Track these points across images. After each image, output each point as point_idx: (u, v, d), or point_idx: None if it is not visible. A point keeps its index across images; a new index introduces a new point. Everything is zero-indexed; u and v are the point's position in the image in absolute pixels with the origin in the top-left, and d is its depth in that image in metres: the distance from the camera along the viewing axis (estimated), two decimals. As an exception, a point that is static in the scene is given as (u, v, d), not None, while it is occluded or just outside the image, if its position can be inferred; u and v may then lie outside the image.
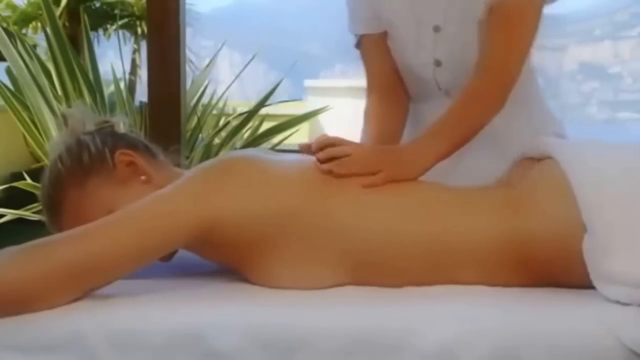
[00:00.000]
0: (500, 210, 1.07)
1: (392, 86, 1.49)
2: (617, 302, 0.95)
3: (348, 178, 1.09)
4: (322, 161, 1.09)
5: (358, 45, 1.52)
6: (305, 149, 1.14)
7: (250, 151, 1.19)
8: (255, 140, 3.65)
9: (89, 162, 1.10)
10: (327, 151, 1.11)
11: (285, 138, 3.79)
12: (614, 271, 0.95)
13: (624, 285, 0.94)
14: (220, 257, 1.11)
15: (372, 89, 1.51)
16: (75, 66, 3.17)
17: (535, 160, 1.16)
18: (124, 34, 7.13)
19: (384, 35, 1.46)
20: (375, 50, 1.48)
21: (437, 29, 1.38)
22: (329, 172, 1.08)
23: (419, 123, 1.48)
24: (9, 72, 3.49)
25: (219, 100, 3.85)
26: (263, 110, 3.77)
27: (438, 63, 1.41)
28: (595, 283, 0.98)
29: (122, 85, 3.46)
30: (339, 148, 1.12)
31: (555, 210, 1.04)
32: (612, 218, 0.98)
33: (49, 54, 3.33)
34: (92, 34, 6.06)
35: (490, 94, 1.29)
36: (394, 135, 1.46)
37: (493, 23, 1.29)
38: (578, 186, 1.02)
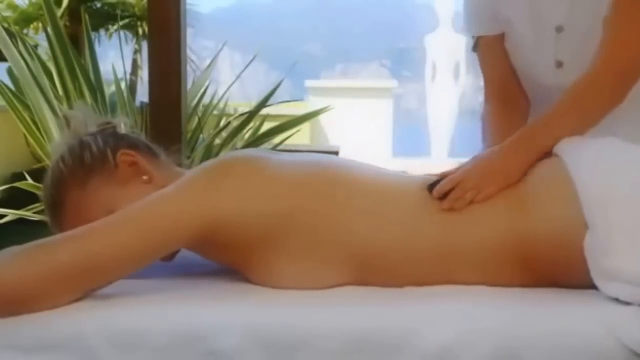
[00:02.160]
0: (502, 209, 1.07)
1: (510, 91, 1.45)
2: (617, 299, 0.95)
3: (350, 178, 1.09)
4: (439, 198, 1.07)
5: (475, 47, 1.48)
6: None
7: (251, 151, 1.19)
8: (256, 141, 3.64)
9: (90, 163, 1.10)
10: (437, 190, 1.08)
11: (286, 138, 3.79)
12: (615, 268, 0.95)
13: (624, 282, 0.94)
14: (221, 257, 1.11)
15: (491, 95, 1.48)
16: (76, 66, 3.17)
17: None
18: (125, 34, 7.14)
19: (501, 37, 1.43)
20: (493, 52, 1.45)
21: (559, 29, 1.35)
22: (451, 209, 1.06)
23: None
24: (10, 72, 3.49)
25: (219, 100, 3.85)
26: (264, 111, 3.77)
27: (559, 64, 1.37)
28: (595, 280, 0.98)
29: (123, 85, 3.46)
30: (446, 183, 1.08)
31: (557, 209, 1.04)
32: (614, 215, 0.98)
33: (50, 54, 3.33)
34: (93, 34, 6.07)
35: (604, 86, 1.21)
36: None
37: (612, 15, 1.24)
38: (580, 184, 1.02)
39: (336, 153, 4.21)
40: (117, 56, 3.88)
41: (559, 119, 1.18)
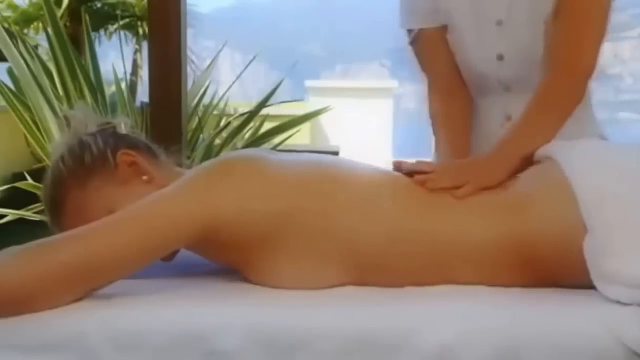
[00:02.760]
0: (500, 211, 1.07)
1: (453, 83, 1.47)
2: (618, 302, 0.95)
3: (350, 177, 1.09)
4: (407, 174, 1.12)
5: (413, 42, 1.48)
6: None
7: (251, 151, 1.19)
8: (257, 141, 3.65)
9: (90, 163, 1.11)
10: (408, 165, 1.14)
11: (287, 138, 3.79)
12: (615, 271, 0.95)
13: (625, 285, 0.94)
14: (221, 257, 1.11)
15: (434, 88, 1.50)
16: (76, 66, 3.18)
17: (535, 161, 1.16)
18: (125, 34, 7.14)
19: (443, 29, 1.44)
20: (434, 45, 1.46)
21: (499, 23, 1.37)
22: (423, 184, 1.10)
23: (477, 118, 1.47)
24: (10, 72, 3.49)
25: (220, 100, 3.85)
26: (264, 111, 3.77)
27: (500, 57, 1.39)
28: (595, 283, 0.98)
29: (123, 85, 3.46)
30: (420, 168, 1.14)
31: (555, 211, 1.04)
32: (612, 218, 0.99)
33: (50, 54, 3.33)
34: (93, 35, 6.07)
35: (566, 89, 1.27)
36: (465, 134, 1.44)
37: (560, 20, 1.28)
38: (578, 187, 1.02)
39: (336, 153, 4.22)
40: (117, 56, 3.89)
41: (533, 126, 1.23)
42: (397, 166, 1.16)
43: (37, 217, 2.89)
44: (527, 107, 1.25)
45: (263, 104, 3.74)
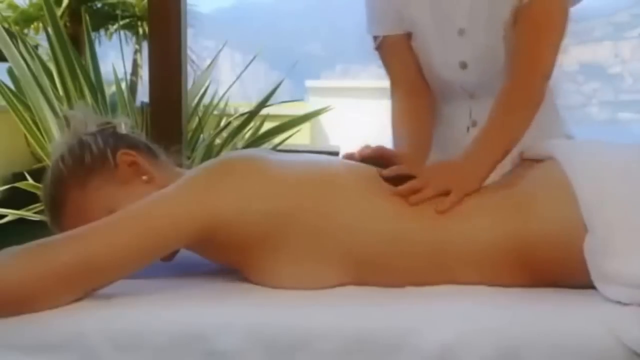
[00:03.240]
0: (501, 211, 1.07)
1: (417, 87, 1.48)
2: (618, 302, 0.95)
3: (350, 177, 1.09)
4: (387, 178, 1.12)
5: (378, 47, 1.50)
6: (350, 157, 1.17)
7: (251, 151, 1.19)
8: (257, 141, 3.65)
9: (90, 163, 1.11)
10: (390, 170, 1.13)
11: (287, 138, 3.79)
12: (615, 272, 0.95)
13: (625, 286, 0.94)
14: (222, 257, 1.11)
15: (397, 90, 1.51)
16: (76, 66, 3.18)
17: (536, 161, 1.16)
18: (125, 34, 7.14)
19: (407, 36, 1.46)
20: (398, 51, 1.48)
21: (461, 32, 1.39)
22: (405, 198, 1.08)
23: (443, 124, 1.49)
24: (10, 72, 3.49)
25: (220, 100, 3.85)
26: (264, 111, 3.77)
27: (464, 65, 1.41)
28: (596, 283, 0.98)
29: (123, 85, 3.46)
30: (404, 169, 1.14)
31: (556, 210, 1.04)
32: (613, 218, 0.99)
33: (50, 54, 3.33)
34: (93, 35, 6.07)
35: (527, 91, 1.29)
36: (426, 135, 1.45)
37: (520, 26, 1.31)
38: (579, 187, 1.02)
39: (336, 153, 4.21)
40: (117, 56, 3.89)
41: (500, 129, 1.24)
42: (383, 173, 1.14)
43: (37, 217, 2.89)
44: (491, 111, 1.27)
45: (263, 104, 3.74)
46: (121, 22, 6.90)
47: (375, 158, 1.21)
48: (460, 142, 1.39)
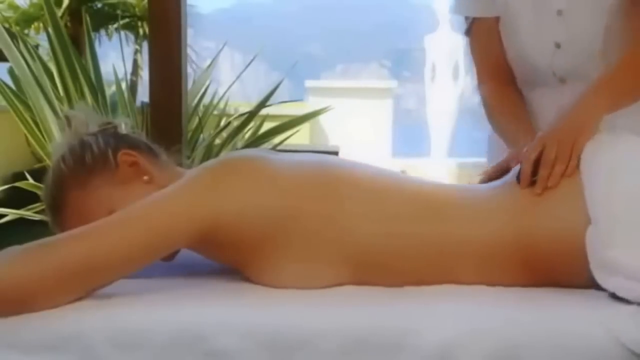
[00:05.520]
0: (504, 209, 1.07)
1: (507, 74, 1.47)
2: (616, 297, 0.95)
3: (352, 179, 1.09)
4: (531, 175, 1.08)
5: (468, 30, 1.49)
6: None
7: (252, 151, 1.19)
8: (257, 141, 3.65)
9: (91, 163, 1.11)
10: (523, 178, 1.09)
11: (287, 138, 3.79)
12: (614, 261, 0.95)
13: (623, 277, 0.94)
14: (222, 257, 1.11)
15: (486, 76, 1.50)
16: (77, 66, 3.18)
17: None
18: (125, 34, 7.14)
19: (496, 20, 1.44)
20: (488, 35, 1.47)
21: (560, 12, 1.38)
22: (545, 183, 1.06)
23: (530, 113, 1.47)
24: (11, 72, 3.50)
25: (220, 100, 3.85)
26: (264, 111, 3.77)
27: (558, 45, 1.40)
28: (594, 273, 0.98)
29: (123, 85, 3.46)
30: (526, 166, 1.09)
31: (560, 206, 1.04)
32: (617, 210, 0.99)
33: (50, 54, 3.33)
34: (93, 35, 6.06)
35: None
36: (527, 120, 1.43)
37: None
38: (587, 180, 1.03)
39: (336, 153, 4.22)
40: (117, 56, 3.89)
41: (611, 82, 1.24)
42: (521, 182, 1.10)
43: (37, 217, 2.89)
44: (616, 66, 1.26)
45: (263, 104, 3.74)
46: (121, 22, 6.89)
47: (502, 173, 1.20)
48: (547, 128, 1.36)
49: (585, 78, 1.29)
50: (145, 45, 7.00)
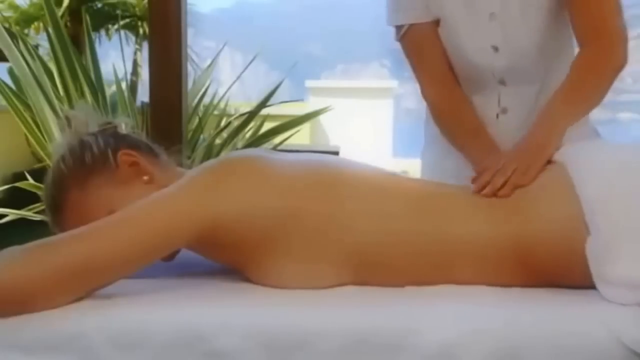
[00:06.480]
0: (502, 211, 1.07)
1: (449, 77, 1.47)
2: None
3: (352, 179, 1.09)
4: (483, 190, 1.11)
5: (402, 37, 1.48)
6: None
7: (252, 151, 1.19)
8: (257, 141, 3.65)
9: (91, 163, 1.11)
10: (477, 184, 1.12)
11: (287, 138, 3.79)
12: (617, 274, 0.95)
13: (627, 288, 0.94)
14: (222, 257, 1.11)
15: (430, 80, 1.49)
16: (77, 66, 3.18)
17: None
18: (125, 34, 7.15)
19: (434, 24, 1.44)
20: (427, 39, 1.46)
21: (492, 16, 1.38)
22: (494, 194, 1.09)
23: None
24: (11, 72, 3.50)
25: (220, 100, 3.85)
26: (264, 111, 3.77)
27: (495, 49, 1.40)
28: (597, 285, 0.98)
29: (123, 85, 3.46)
30: (484, 175, 1.13)
31: (557, 211, 1.04)
32: (616, 220, 0.98)
33: (51, 54, 3.34)
34: (94, 35, 6.07)
35: (608, 58, 1.30)
36: (479, 123, 1.44)
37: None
38: (582, 187, 1.02)
39: (336, 153, 4.22)
40: (117, 56, 3.89)
41: (568, 94, 1.26)
42: (473, 187, 1.13)
43: (38, 217, 2.89)
44: (567, 80, 1.28)
45: (263, 104, 3.74)
46: (121, 22, 6.90)
47: None
48: (490, 129, 1.41)
49: (525, 78, 1.31)
50: (145, 45, 7.01)
